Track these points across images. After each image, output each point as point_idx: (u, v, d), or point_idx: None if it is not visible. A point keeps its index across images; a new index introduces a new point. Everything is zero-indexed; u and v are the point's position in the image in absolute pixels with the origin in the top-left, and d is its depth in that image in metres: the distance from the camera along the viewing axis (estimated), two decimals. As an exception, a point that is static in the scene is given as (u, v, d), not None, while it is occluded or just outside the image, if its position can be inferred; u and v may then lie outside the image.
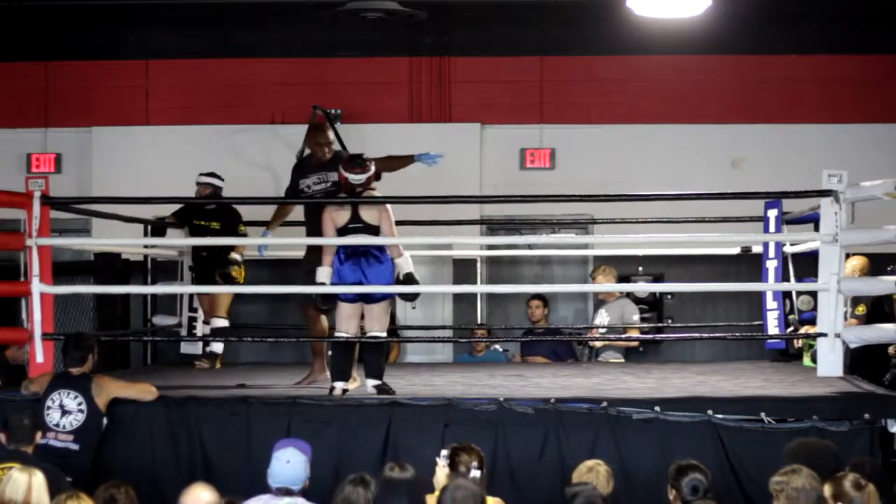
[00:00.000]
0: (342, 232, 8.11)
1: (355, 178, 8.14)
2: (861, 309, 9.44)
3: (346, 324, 8.22)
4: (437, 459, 6.38)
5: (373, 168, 8.18)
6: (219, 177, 10.56)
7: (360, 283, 8.13)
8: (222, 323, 10.34)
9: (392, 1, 10.81)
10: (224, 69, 13.11)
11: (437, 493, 6.29)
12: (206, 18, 11.66)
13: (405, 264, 8.26)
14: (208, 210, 10.37)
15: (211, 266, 10.18)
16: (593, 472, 6.27)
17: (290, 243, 9.67)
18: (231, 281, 10.09)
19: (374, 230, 8.13)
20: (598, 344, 10.98)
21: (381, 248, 8.17)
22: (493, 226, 12.52)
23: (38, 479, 5.95)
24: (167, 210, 10.61)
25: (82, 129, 13.06)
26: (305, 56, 13.00)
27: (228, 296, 10.28)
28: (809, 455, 6.03)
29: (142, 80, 13.15)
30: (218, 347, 10.36)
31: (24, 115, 13.12)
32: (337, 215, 8.12)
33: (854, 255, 9.52)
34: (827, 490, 5.47)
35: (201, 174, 10.55)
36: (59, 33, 12.18)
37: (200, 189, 10.45)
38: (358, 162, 8.21)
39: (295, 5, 11.04)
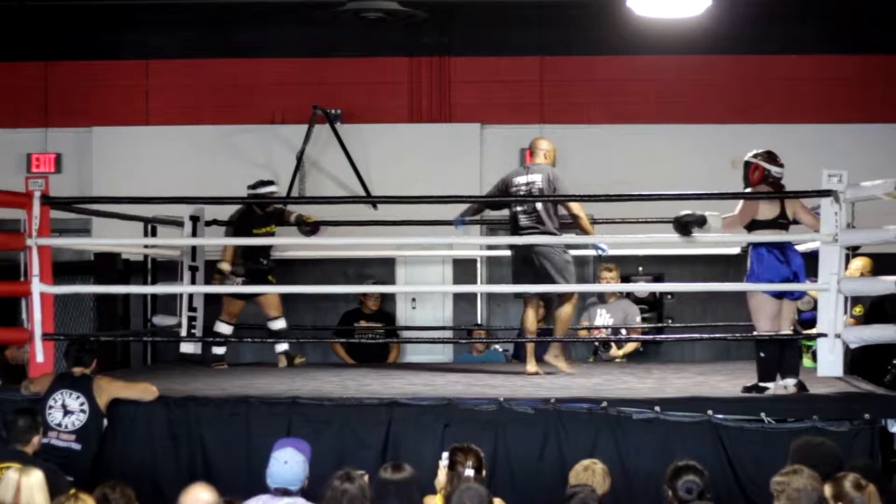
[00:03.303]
0: (768, 225, 7.99)
1: (778, 170, 8.10)
2: (858, 310, 9.45)
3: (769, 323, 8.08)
4: (440, 461, 6.39)
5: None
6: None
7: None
8: (283, 324, 10.58)
9: (392, 1, 10.81)
10: (224, 69, 13.10)
11: (438, 494, 6.31)
12: (206, 18, 11.67)
13: None
14: (265, 215, 10.35)
15: (268, 269, 10.29)
16: (589, 471, 6.28)
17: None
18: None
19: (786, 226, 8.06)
20: (620, 352, 11.02)
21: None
22: (493, 226, 12.51)
23: (31, 479, 5.87)
24: (168, 210, 10.57)
25: (82, 129, 13.06)
26: (305, 56, 12.99)
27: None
28: (809, 455, 6.03)
29: (142, 80, 13.14)
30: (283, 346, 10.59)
31: (24, 115, 13.11)
32: (765, 209, 8.02)
33: (858, 255, 9.54)
34: (827, 490, 5.47)
35: (270, 182, 10.60)
36: (59, 33, 12.19)
37: (269, 196, 10.44)
38: (775, 155, 8.18)
39: (295, 5, 11.04)
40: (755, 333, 8.12)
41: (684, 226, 8.09)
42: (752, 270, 8.03)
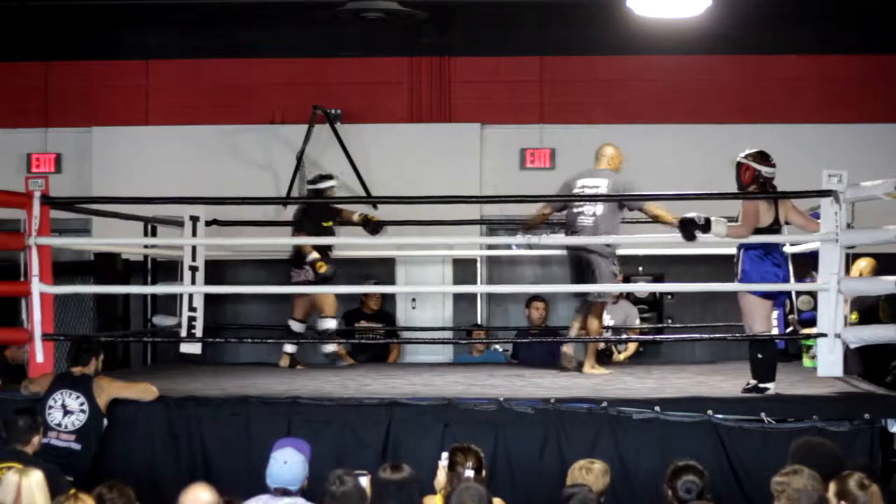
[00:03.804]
0: (765, 231, 7.93)
1: (770, 170, 8.05)
2: (854, 317, 9.45)
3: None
4: (440, 461, 6.39)
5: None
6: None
7: None
8: (334, 323, 10.47)
9: (392, 1, 10.80)
10: (224, 69, 13.11)
11: (438, 494, 6.31)
12: (206, 18, 11.66)
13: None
14: (328, 209, 10.35)
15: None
16: (584, 470, 6.28)
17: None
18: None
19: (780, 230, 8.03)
20: (622, 356, 11.01)
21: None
22: (493, 226, 12.52)
23: (32, 480, 5.84)
24: (168, 210, 10.56)
25: (82, 129, 13.06)
26: (305, 56, 12.99)
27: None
28: (809, 455, 6.03)
29: (142, 80, 13.14)
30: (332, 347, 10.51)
31: (24, 115, 13.11)
32: (764, 214, 7.97)
33: (863, 256, 9.54)
34: (831, 489, 5.46)
35: (329, 176, 10.60)
36: (59, 33, 12.18)
37: (332, 190, 10.45)
38: (767, 155, 8.09)
39: (295, 5, 11.03)
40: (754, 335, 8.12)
41: (689, 229, 8.06)
42: (744, 273, 8.02)
